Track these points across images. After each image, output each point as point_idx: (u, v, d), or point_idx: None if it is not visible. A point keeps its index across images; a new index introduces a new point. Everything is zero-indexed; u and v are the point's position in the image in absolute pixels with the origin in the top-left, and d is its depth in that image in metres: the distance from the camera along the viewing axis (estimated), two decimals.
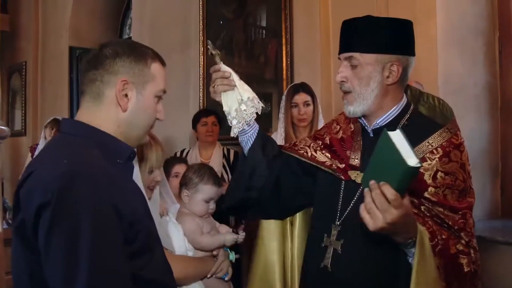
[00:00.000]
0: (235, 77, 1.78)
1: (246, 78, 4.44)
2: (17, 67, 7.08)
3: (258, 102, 1.79)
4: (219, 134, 3.88)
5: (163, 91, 1.47)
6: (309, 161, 1.80)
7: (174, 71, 5.03)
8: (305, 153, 1.82)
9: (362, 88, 1.58)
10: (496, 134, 3.53)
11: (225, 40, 4.58)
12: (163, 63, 1.48)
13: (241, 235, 2.06)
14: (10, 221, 4.69)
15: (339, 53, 1.64)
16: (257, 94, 1.82)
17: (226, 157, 3.81)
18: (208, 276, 1.93)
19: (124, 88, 1.37)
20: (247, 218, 3.02)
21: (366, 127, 1.70)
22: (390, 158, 1.21)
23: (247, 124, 1.78)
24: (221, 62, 1.80)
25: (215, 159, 3.74)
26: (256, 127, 1.84)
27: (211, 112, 3.87)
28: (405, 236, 1.38)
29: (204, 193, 2.04)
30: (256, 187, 1.81)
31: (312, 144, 1.84)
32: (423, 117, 1.69)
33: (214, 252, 1.98)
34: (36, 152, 4.74)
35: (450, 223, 1.50)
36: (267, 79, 4.15)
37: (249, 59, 4.35)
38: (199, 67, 4.74)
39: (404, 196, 1.27)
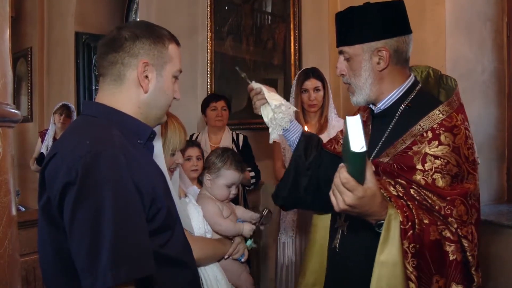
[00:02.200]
0: (264, 90, 1.88)
1: (254, 64, 4.49)
2: (22, 53, 7.08)
3: (289, 108, 1.88)
4: (228, 119, 3.91)
5: (180, 71, 1.52)
6: (332, 153, 1.88)
7: (182, 56, 4.98)
8: (329, 146, 1.92)
9: (356, 79, 1.63)
10: (503, 120, 3.55)
11: (233, 25, 4.57)
12: (178, 43, 1.53)
13: (261, 227, 2.14)
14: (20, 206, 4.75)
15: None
16: (265, 80, 1.90)
17: (235, 141, 3.84)
18: (225, 257, 1.98)
19: (145, 69, 1.42)
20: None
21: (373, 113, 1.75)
22: (346, 143, 1.28)
23: (282, 129, 1.89)
24: (252, 81, 1.94)
25: (224, 144, 3.77)
26: (299, 130, 1.93)
27: (221, 97, 3.90)
28: (374, 218, 1.42)
29: (227, 178, 2.09)
30: (300, 186, 1.87)
31: (339, 136, 1.95)
32: (429, 98, 1.65)
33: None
34: (46, 137, 4.79)
35: (436, 208, 1.48)
36: (275, 64, 4.15)
37: (257, 44, 4.35)
38: (207, 52, 4.76)
39: (364, 180, 1.32)
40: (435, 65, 3.15)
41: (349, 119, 1.27)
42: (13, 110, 2.62)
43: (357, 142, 1.23)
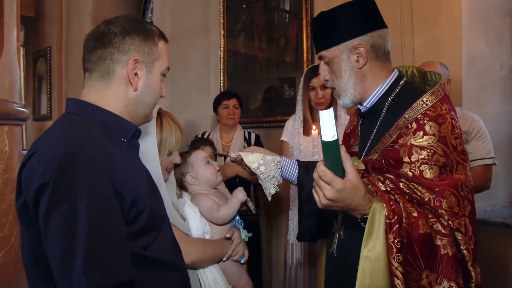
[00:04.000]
0: (242, 155, 1.84)
1: (267, 62, 4.44)
2: (42, 52, 7.18)
3: (270, 163, 1.81)
4: (242, 117, 3.88)
5: (168, 69, 1.49)
6: None
7: (195, 54, 5.04)
8: None
9: (339, 81, 1.62)
10: None
11: (245, 23, 4.54)
12: (166, 40, 1.49)
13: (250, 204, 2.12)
14: None
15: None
16: (278, 78, 1.85)
17: (247, 140, 3.80)
18: (224, 259, 1.94)
19: (135, 66, 1.38)
20: None
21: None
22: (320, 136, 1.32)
23: (277, 181, 1.82)
24: (230, 152, 1.93)
25: (236, 142, 3.74)
26: (294, 167, 1.83)
27: (233, 95, 3.86)
28: (360, 213, 1.41)
29: (199, 157, 2.07)
30: (311, 215, 1.79)
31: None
32: (413, 90, 1.61)
33: (228, 235, 1.98)
34: None
35: (426, 200, 1.44)
36: (287, 62, 4.10)
37: (269, 42, 4.30)
38: (220, 50, 4.73)
39: (343, 173, 1.33)
40: (450, 62, 3.08)
41: (322, 112, 1.30)
42: (20, 108, 2.65)
43: (329, 132, 1.27)
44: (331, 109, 1.32)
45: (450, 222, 1.41)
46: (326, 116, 1.29)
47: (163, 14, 5.32)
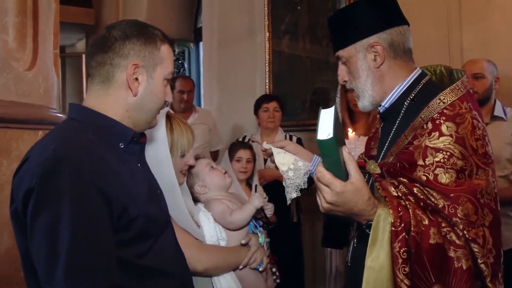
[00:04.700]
0: (274, 151, 1.78)
1: (310, 63, 4.35)
2: None
3: (300, 170, 1.73)
4: (285, 120, 3.81)
5: (172, 74, 1.44)
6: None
7: (242, 58, 5.03)
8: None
9: (356, 82, 1.54)
10: None
11: (289, 24, 4.49)
12: (171, 44, 1.45)
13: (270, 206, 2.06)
14: None
15: None
16: (321, 80, 1.79)
17: None
18: (240, 267, 1.87)
19: (135, 71, 1.35)
20: None
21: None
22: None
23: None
24: (264, 142, 1.86)
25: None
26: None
27: (273, 97, 3.81)
28: (364, 218, 1.33)
29: (202, 165, 2.02)
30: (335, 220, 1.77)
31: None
32: (434, 89, 1.49)
33: (243, 241, 1.91)
34: None
35: (440, 207, 1.31)
36: (331, 62, 3.99)
37: (313, 42, 4.23)
38: (265, 53, 4.70)
39: (346, 175, 1.27)
40: (503, 59, 2.86)
41: (324, 111, 1.25)
42: (57, 114, 2.72)
43: (324, 131, 1.20)
44: (333, 108, 1.27)
45: (465, 232, 1.29)
46: (326, 115, 1.26)
47: (212, 18, 5.36)
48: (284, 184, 1.75)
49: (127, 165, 1.35)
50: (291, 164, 1.73)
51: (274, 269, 2.04)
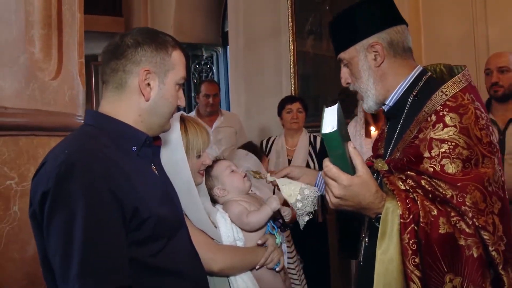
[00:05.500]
0: (279, 183, 1.82)
1: (335, 62, 4.32)
2: None
3: (307, 198, 1.77)
4: (310, 121, 3.81)
5: (184, 79, 1.48)
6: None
7: (267, 59, 5.06)
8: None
9: (359, 82, 1.57)
10: None
11: (313, 24, 4.48)
12: (183, 50, 1.49)
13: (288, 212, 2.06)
14: None
15: None
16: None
17: (312, 144, 3.73)
18: (257, 267, 1.88)
19: (147, 77, 1.40)
20: None
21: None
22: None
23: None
24: (267, 174, 1.91)
25: (301, 147, 3.68)
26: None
27: (296, 98, 3.83)
28: (373, 212, 1.35)
29: (222, 167, 2.03)
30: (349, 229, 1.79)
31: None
32: (436, 84, 1.51)
33: (259, 241, 1.92)
34: None
35: (448, 197, 1.32)
36: None
37: None
38: (290, 54, 4.71)
39: (352, 169, 1.29)
40: None
41: (327, 109, 1.28)
42: (82, 121, 2.81)
43: (328, 125, 1.23)
44: (337, 105, 1.29)
45: (474, 220, 1.30)
46: (330, 111, 1.28)
47: (237, 22, 5.41)
48: (295, 211, 1.80)
49: (139, 168, 1.40)
50: (297, 195, 1.77)
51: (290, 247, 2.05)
